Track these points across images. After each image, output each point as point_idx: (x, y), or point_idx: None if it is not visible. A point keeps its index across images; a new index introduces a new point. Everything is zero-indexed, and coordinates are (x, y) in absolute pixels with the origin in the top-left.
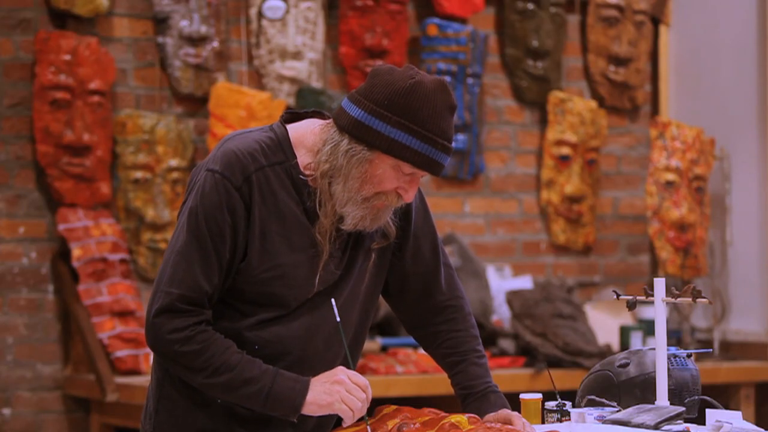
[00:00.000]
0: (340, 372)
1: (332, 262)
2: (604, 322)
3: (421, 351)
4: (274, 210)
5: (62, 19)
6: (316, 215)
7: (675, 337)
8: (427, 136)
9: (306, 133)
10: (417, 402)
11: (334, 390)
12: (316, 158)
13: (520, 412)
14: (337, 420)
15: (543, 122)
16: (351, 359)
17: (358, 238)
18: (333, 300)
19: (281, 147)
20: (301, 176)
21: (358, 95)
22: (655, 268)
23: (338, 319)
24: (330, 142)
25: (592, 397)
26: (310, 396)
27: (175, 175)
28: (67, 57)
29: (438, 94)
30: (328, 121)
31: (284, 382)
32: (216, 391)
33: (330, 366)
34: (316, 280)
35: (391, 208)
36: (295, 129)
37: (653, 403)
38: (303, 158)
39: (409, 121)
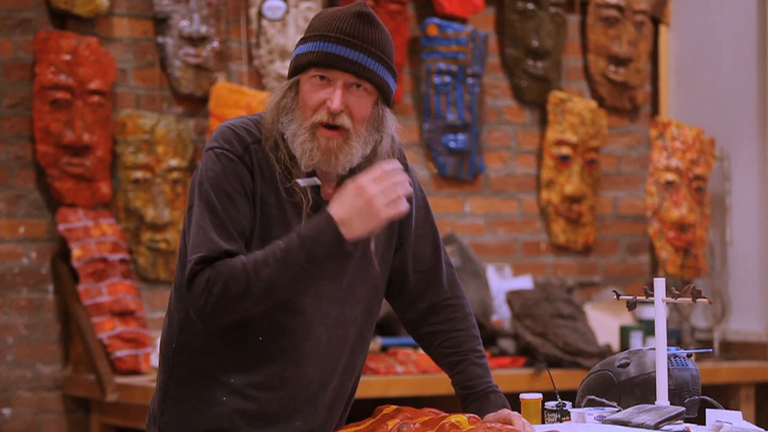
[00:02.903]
0: (358, 184)
1: None
2: (604, 322)
3: (422, 351)
4: (271, 182)
5: (62, 19)
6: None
7: (675, 337)
8: (316, 36)
9: None
10: (417, 402)
11: (363, 201)
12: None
13: (520, 412)
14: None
15: (543, 122)
16: (357, 355)
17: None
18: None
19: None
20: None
21: None
22: (655, 268)
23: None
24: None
25: (592, 397)
26: (341, 213)
27: (175, 175)
28: (67, 57)
29: (345, 8)
30: None
31: (311, 232)
32: (274, 291)
33: (335, 359)
34: (303, 220)
35: (325, 124)
36: None
37: (653, 403)
38: None
39: (306, 33)
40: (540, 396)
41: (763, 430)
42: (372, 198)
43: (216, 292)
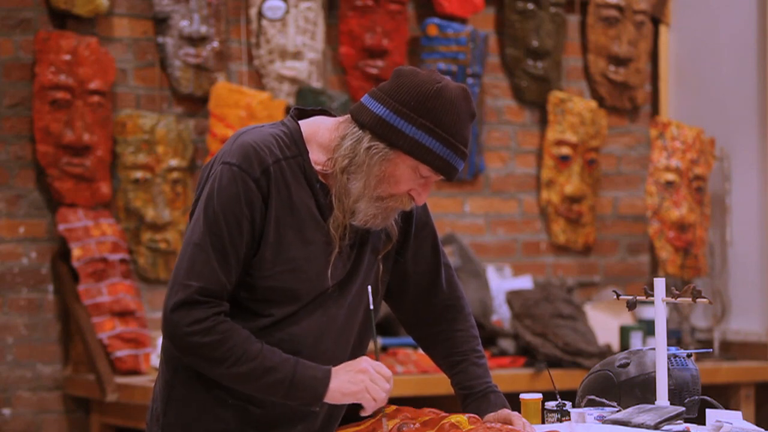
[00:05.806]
0: (364, 361)
1: (341, 259)
2: (604, 322)
3: (421, 351)
4: (288, 203)
5: (62, 19)
6: (328, 210)
7: (675, 337)
8: (449, 141)
9: (318, 128)
10: (417, 402)
11: (359, 379)
12: (335, 153)
13: (520, 412)
14: (344, 417)
15: (543, 122)
16: (357, 357)
17: (363, 236)
18: (369, 287)
19: (294, 141)
20: (313, 171)
21: (381, 93)
22: (655, 268)
23: (372, 306)
24: (350, 137)
25: (592, 397)
26: (335, 384)
27: (175, 175)
28: (67, 57)
29: (461, 102)
30: (342, 117)
31: (306, 371)
32: (237, 381)
33: (338, 364)
34: (329, 273)
35: (399, 209)
36: (306, 124)
37: (653, 403)
38: (314, 153)
39: (433, 124)
40: (540, 396)
41: (763, 430)
42: (366, 388)
43: (199, 341)
